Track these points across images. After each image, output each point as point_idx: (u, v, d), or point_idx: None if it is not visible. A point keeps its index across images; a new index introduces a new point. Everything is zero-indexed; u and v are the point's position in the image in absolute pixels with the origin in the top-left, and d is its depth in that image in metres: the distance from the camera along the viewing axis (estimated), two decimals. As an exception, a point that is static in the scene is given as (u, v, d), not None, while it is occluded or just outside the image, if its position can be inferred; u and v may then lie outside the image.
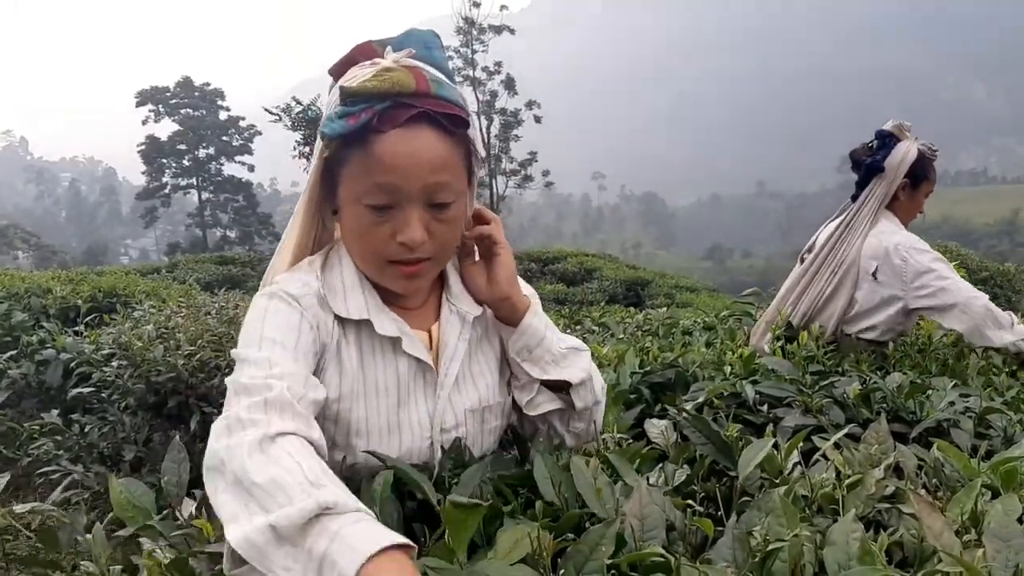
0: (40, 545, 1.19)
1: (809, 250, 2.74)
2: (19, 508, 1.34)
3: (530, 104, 36.65)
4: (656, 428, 1.36)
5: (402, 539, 0.75)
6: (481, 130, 36.43)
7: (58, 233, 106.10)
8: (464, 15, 35.81)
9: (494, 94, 36.80)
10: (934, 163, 2.61)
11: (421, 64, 1.06)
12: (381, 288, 1.14)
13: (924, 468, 1.20)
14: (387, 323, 1.12)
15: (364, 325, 1.12)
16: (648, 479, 1.11)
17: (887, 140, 2.57)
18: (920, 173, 2.57)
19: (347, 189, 1.06)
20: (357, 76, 1.04)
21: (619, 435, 1.38)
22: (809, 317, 2.61)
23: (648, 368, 2.15)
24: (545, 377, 1.20)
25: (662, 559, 0.80)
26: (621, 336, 3.86)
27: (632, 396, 1.99)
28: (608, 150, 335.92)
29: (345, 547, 0.73)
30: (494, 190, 36.91)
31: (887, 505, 1.04)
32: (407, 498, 1.01)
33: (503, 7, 35.33)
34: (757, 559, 0.80)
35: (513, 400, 1.26)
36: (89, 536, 1.12)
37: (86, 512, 1.35)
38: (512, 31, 35.71)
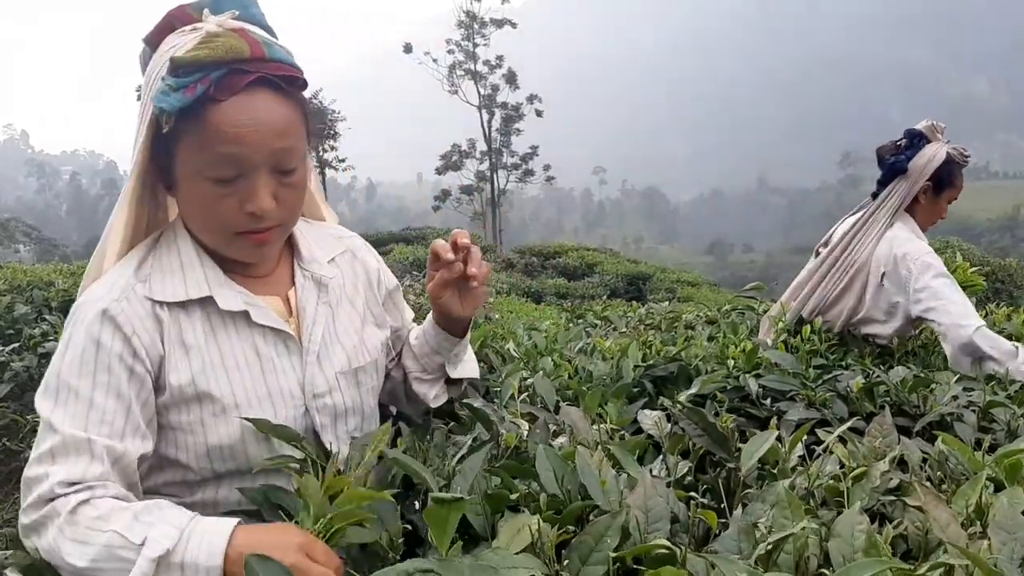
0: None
1: (825, 244, 2.67)
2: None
3: (531, 98, 36.59)
4: (649, 419, 1.35)
5: (230, 523, 0.86)
6: (483, 124, 36.41)
7: (59, 226, 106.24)
8: (466, 9, 35.74)
9: (495, 88, 36.74)
10: (963, 169, 2.49)
11: (246, 25, 1.04)
12: (226, 260, 1.11)
13: (928, 461, 1.20)
14: (231, 297, 1.09)
15: (209, 301, 1.08)
16: (651, 471, 1.11)
17: (916, 140, 2.45)
18: (945, 178, 2.45)
19: (186, 163, 1.01)
20: (181, 44, 1.00)
21: (613, 427, 1.37)
22: (818, 313, 2.57)
23: (651, 362, 2.15)
24: (458, 375, 1.34)
25: (668, 551, 0.80)
26: (623, 330, 3.86)
27: (635, 390, 1.99)
28: (609, 144, 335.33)
29: (197, 570, 0.84)
30: (495, 184, 36.89)
31: (892, 498, 1.04)
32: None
33: (505, 0, 35.22)
34: (763, 551, 0.80)
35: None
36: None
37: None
38: (514, 25, 35.62)
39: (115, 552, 0.86)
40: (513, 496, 0.91)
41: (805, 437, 1.20)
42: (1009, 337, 2.72)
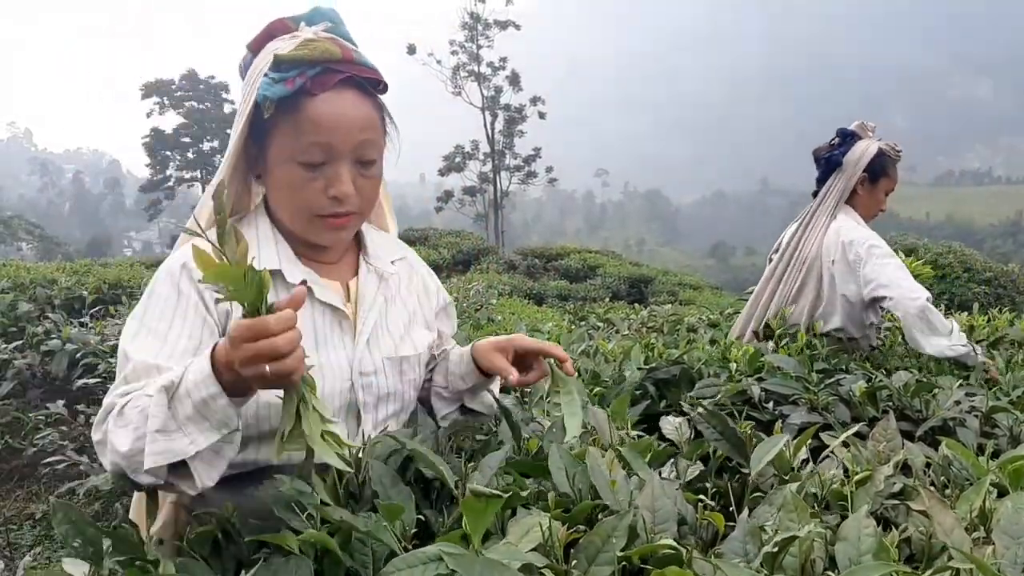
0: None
1: (776, 250, 2.77)
2: None
3: (534, 100, 36.61)
4: (671, 424, 1.37)
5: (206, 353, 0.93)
6: (486, 125, 36.43)
7: (62, 225, 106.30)
8: (470, 11, 35.76)
9: (499, 90, 36.75)
10: (896, 163, 2.64)
11: (336, 36, 1.18)
12: (299, 244, 1.23)
13: (932, 466, 1.20)
14: (296, 272, 1.20)
15: (276, 275, 1.18)
16: (660, 473, 1.11)
17: (848, 138, 2.63)
18: (879, 169, 2.60)
19: (279, 149, 1.14)
20: (282, 47, 1.14)
21: (637, 432, 1.38)
22: (781, 316, 2.64)
23: (653, 364, 2.15)
24: (473, 407, 1.38)
25: (673, 552, 0.80)
26: (626, 332, 3.87)
27: (638, 392, 2.00)
28: (612, 146, 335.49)
29: (201, 388, 0.90)
30: (498, 186, 36.89)
31: (895, 502, 1.04)
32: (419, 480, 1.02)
33: (509, 2, 35.24)
34: (768, 553, 0.80)
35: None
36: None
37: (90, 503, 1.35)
38: (517, 27, 35.62)
39: (144, 413, 0.93)
40: (524, 493, 0.92)
41: (809, 441, 1.20)
42: (1012, 343, 2.74)
